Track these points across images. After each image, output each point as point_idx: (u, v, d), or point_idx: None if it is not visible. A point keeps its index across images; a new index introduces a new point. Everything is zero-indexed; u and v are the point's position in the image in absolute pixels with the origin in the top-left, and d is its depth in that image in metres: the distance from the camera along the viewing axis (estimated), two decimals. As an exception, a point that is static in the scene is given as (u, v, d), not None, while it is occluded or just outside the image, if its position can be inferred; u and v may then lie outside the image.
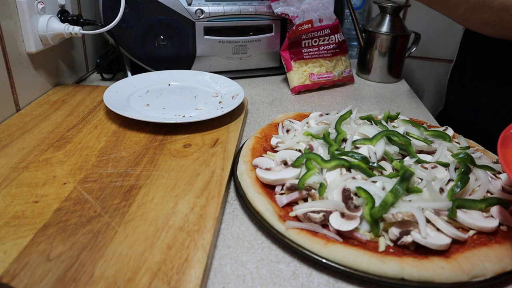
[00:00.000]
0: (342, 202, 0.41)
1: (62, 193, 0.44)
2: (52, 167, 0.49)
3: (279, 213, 0.42)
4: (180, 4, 0.78)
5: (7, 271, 0.34)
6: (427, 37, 1.09)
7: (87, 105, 0.67)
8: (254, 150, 0.53)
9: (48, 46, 0.70)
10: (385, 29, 0.90)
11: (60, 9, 0.72)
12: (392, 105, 0.82)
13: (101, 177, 0.48)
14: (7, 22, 0.61)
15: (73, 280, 0.33)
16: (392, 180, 0.44)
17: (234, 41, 0.85)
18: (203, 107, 0.67)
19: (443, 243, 0.37)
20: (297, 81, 0.83)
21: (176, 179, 0.48)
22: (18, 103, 0.65)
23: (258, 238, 0.42)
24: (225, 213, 0.46)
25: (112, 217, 0.41)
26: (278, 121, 0.62)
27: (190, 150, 0.55)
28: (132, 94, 0.71)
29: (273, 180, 0.46)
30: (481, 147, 0.58)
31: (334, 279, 0.38)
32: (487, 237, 0.40)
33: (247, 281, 0.37)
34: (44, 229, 0.39)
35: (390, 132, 0.53)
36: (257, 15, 0.84)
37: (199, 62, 0.84)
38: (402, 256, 0.37)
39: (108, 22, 0.70)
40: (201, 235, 0.39)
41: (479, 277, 0.36)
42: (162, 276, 0.34)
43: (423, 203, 0.41)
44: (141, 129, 0.60)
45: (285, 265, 0.39)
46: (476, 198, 0.44)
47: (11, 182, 0.46)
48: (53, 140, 0.56)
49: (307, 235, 0.39)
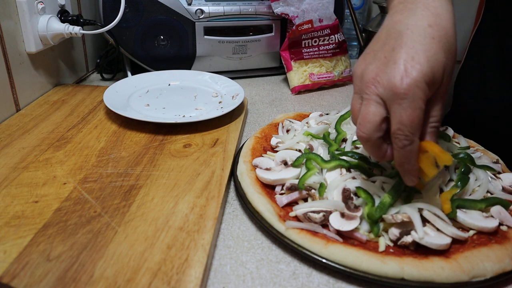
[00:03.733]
0: (342, 202, 0.41)
1: (62, 193, 0.44)
2: (52, 167, 0.49)
3: (279, 213, 0.42)
4: (180, 4, 0.78)
5: (7, 271, 0.34)
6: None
7: (87, 105, 0.67)
8: (254, 150, 0.53)
9: (48, 46, 0.70)
10: (385, 29, 0.90)
11: (60, 9, 0.72)
12: (392, 105, 0.81)
13: (101, 177, 0.48)
14: (7, 22, 0.61)
15: (73, 280, 0.33)
16: (392, 180, 0.44)
17: (234, 41, 0.85)
18: (203, 107, 0.67)
19: (443, 243, 0.37)
20: (297, 81, 0.83)
21: (176, 179, 0.48)
22: (18, 103, 0.65)
23: (258, 238, 0.42)
24: (225, 213, 0.46)
25: (112, 217, 0.41)
26: (278, 121, 0.62)
27: (190, 150, 0.55)
28: (132, 94, 0.71)
29: (273, 180, 0.46)
30: (481, 147, 0.58)
31: (334, 279, 0.38)
32: (487, 237, 0.40)
33: (247, 281, 0.37)
34: (44, 229, 0.39)
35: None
36: (257, 15, 0.84)
37: (199, 62, 0.84)
38: (402, 256, 0.37)
39: (108, 22, 0.70)
40: (201, 235, 0.39)
41: (479, 277, 0.36)
42: (162, 276, 0.34)
43: (420, 204, 0.41)
44: (141, 129, 0.60)
45: (285, 265, 0.39)
46: (476, 198, 0.44)
47: (11, 182, 0.46)
48: (53, 140, 0.56)
49: (307, 235, 0.39)
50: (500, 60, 0.66)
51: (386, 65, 0.38)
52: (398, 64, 0.37)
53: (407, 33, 0.39)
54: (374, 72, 0.39)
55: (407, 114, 0.37)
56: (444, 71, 0.38)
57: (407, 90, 0.36)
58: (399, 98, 0.37)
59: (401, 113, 0.37)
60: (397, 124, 0.37)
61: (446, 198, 0.41)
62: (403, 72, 0.37)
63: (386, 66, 0.38)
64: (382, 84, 0.38)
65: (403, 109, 0.37)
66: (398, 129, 0.37)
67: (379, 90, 0.38)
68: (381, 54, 0.39)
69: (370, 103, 0.39)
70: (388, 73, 0.37)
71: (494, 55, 0.67)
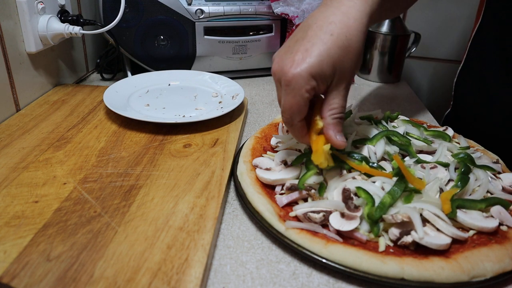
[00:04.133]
0: (342, 202, 0.41)
1: (62, 193, 0.44)
2: (52, 167, 0.49)
3: (279, 213, 0.42)
4: (180, 4, 0.78)
5: (7, 271, 0.34)
6: (427, 37, 1.09)
7: (87, 105, 0.67)
8: (254, 150, 0.53)
9: (48, 46, 0.70)
10: (385, 29, 0.90)
11: (60, 9, 0.72)
12: (392, 105, 0.82)
13: (101, 177, 0.48)
14: (7, 22, 0.61)
15: (73, 280, 0.33)
16: (392, 180, 0.44)
17: (234, 41, 0.85)
18: (203, 107, 0.67)
19: (443, 243, 0.37)
20: (297, 81, 0.83)
21: (176, 179, 0.48)
22: (18, 103, 0.65)
23: (258, 238, 0.42)
24: (225, 213, 0.46)
25: (112, 217, 0.41)
26: (278, 121, 0.62)
27: (190, 150, 0.55)
28: (132, 94, 0.71)
29: (273, 180, 0.46)
30: (481, 147, 0.58)
31: (334, 279, 0.38)
32: (487, 237, 0.40)
33: (247, 281, 0.37)
34: (44, 229, 0.39)
35: (390, 132, 0.53)
36: (257, 15, 0.84)
37: (199, 62, 0.84)
38: (402, 256, 0.37)
39: (108, 22, 0.70)
40: (201, 235, 0.39)
41: (479, 277, 0.36)
42: (162, 276, 0.34)
43: (420, 204, 0.41)
44: (141, 129, 0.60)
45: (285, 265, 0.39)
46: (476, 198, 0.44)
47: (11, 182, 0.46)
48: (53, 140, 0.56)
49: (307, 235, 0.39)
50: (500, 60, 0.66)
51: (286, 54, 0.43)
52: (293, 54, 0.42)
53: (313, 27, 0.43)
54: (277, 59, 0.43)
55: (288, 100, 0.42)
56: (334, 66, 0.42)
57: (291, 79, 0.41)
58: (285, 85, 0.41)
59: (284, 98, 0.42)
60: (282, 107, 0.43)
61: (446, 198, 0.41)
62: (293, 62, 0.41)
63: (286, 55, 0.42)
64: (278, 70, 0.42)
65: (286, 95, 0.42)
66: (282, 111, 0.43)
67: (277, 76, 0.43)
68: (288, 43, 0.44)
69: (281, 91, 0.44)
70: (284, 60, 0.42)
71: (494, 55, 0.67)
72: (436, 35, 1.11)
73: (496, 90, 0.68)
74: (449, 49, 1.11)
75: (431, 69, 1.15)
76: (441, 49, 1.12)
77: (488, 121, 0.70)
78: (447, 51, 1.12)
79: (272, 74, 0.44)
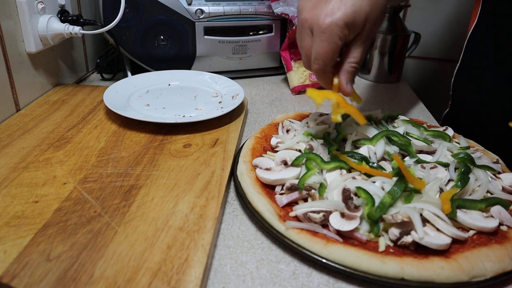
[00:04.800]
0: (342, 202, 0.41)
1: (62, 193, 0.44)
2: (52, 167, 0.49)
3: (279, 213, 0.42)
4: (180, 4, 0.78)
5: (7, 271, 0.34)
6: (427, 37, 1.09)
7: (87, 105, 0.67)
8: (254, 150, 0.53)
9: (48, 46, 0.70)
10: (385, 29, 0.90)
11: (60, 9, 0.72)
12: (392, 105, 0.82)
13: (101, 177, 0.48)
14: (7, 22, 0.61)
15: (73, 280, 0.33)
16: (392, 180, 0.44)
17: (234, 41, 0.85)
18: (203, 107, 0.67)
19: (443, 243, 0.37)
20: (297, 81, 0.83)
21: (176, 179, 0.48)
22: (18, 103, 0.65)
23: (258, 238, 0.42)
24: (225, 213, 0.46)
25: (112, 217, 0.41)
26: (278, 121, 0.62)
27: (190, 150, 0.55)
28: (132, 94, 0.71)
29: (273, 180, 0.46)
30: (481, 147, 0.58)
31: (334, 279, 0.38)
32: (487, 237, 0.40)
33: (247, 281, 0.37)
34: (44, 229, 0.39)
35: (390, 132, 0.53)
36: (257, 15, 0.84)
37: (199, 62, 0.84)
38: (402, 256, 0.37)
39: (108, 22, 0.70)
40: (201, 235, 0.39)
41: (479, 277, 0.36)
42: (162, 276, 0.34)
43: (420, 204, 0.41)
44: (141, 129, 0.60)
45: (285, 265, 0.39)
46: (476, 198, 0.44)
47: (11, 182, 0.46)
48: (53, 140, 0.56)
49: (307, 235, 0.39)
50: (496, 59, 0.66)
51: (319, 3, 0.46)
52: (328, 4, 0.46)
53: None
54: (309, 8, 0.47)
55: (322, 46, 0.45)
56: (366, 18, 0.46)
57: (328, 26, 0.45)
58: (321, 32, 0.45)
59: (318, 45, 0.46)
60: (314, 54, 0.47)
61: (446, 198, 0.41)
62: (329, 10, 0.45)
63: (319, 4, 0.46)
64: (312, 18, 0.46)
65: (321, 42, 0.45)
66: (314, 58, 0.47)
67: (309, 23, 0.46)
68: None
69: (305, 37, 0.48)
70: (318, 9, 0.46)
71: (491, 55, 0.68)
72: (436, 35, 1.11)
73: (492, 90, 0.68)
74: (449, 49, 1.11)
75: (431, 69, 1.15)
76: (441, 49, 1.12)
77: (486, 121, 0.70)
78: (447, 51, 1.12)
79: (301, 21, 0.47)
